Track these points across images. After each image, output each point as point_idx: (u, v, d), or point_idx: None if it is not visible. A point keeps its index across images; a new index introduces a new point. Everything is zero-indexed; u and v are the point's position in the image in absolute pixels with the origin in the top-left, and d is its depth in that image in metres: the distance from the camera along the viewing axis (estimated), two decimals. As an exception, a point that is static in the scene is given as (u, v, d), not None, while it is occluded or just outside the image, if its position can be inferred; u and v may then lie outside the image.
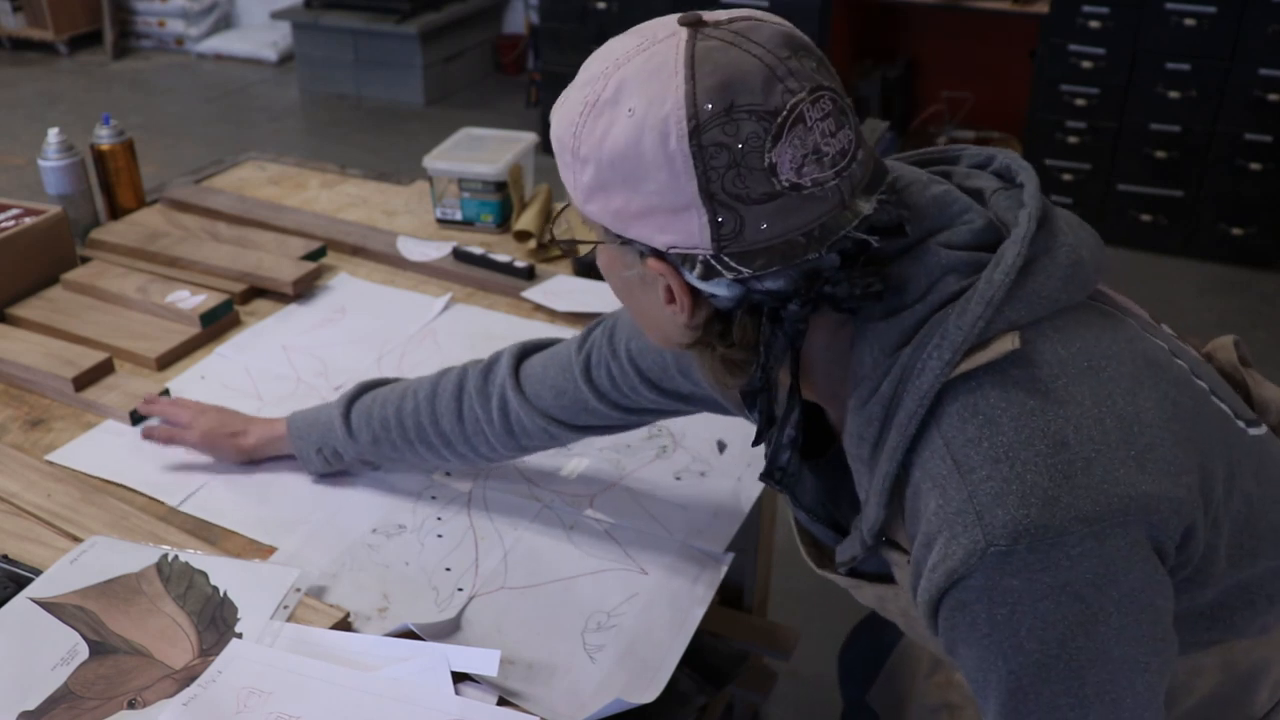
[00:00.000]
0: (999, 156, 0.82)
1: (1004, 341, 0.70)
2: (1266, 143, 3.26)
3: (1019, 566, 0.66)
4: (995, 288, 0.70)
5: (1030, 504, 0.66)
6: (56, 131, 1.63)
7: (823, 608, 2.14)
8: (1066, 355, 0.71)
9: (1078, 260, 0.74)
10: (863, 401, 0.74)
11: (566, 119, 0.71)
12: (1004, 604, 0.67)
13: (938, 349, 0.70)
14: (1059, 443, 0.67)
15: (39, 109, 4.89)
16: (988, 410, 0.69)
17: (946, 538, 0.68)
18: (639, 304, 0.78)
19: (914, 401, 0.70)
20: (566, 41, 4.19)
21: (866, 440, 0.74)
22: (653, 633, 1.00)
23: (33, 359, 1.34)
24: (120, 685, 0.90)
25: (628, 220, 0.70)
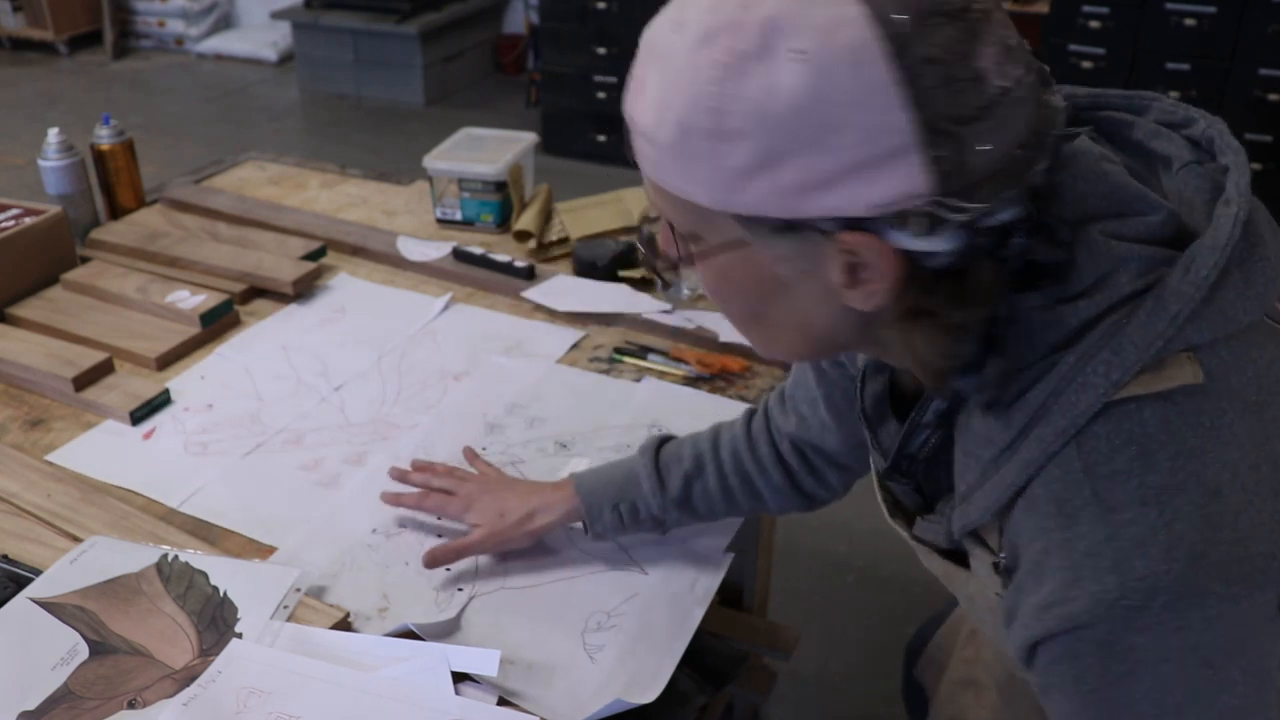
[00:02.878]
0: (1201, 122, 0.68)
1: (1184, 370, 0.60)
2: (1266, 143, 3.26)
3: (1150, 624, 0.59)
4: (1182, 303, 0.59)
5: (1175, 558, 0.58)
6: (56, 131, 1.63)
7: (823, 608, 2.15)
8: (1238, 386, 0.61)
9: (1271, 280, 0.62)
10: (1005, 405, 0.65)
11: (690, 96, 0.59)
12: (1124, 661, 0.60)
13: (1106, 365, 0.60)
14: (1213, 491, 0.59)
15: (39, 109, 4.89)
16: (1144, 442, 0.60)
17: (1068, 578, 0.61)
18: (780, 313, 0.67)
19: (1066, 419, 0.61)
20: (566, 41, 4.19)
21: (995, 444, 0.66)
22: (653, 633, 1.00)
23: (33, 359, 1.34)
24: (120, 685, 0.90)
25: (808, 193, 0.58)
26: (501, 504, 1.07)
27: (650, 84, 0.62)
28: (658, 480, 1.05)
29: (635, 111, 0.63)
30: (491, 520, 1.06)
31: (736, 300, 0.68)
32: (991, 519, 0.68)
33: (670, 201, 0.65)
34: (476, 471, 1.15)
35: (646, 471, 1.05)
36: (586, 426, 1.27)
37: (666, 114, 0.60)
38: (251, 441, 1.26)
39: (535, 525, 1.05)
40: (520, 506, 1.06)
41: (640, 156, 0.65)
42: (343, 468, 1.21)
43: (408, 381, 1.37)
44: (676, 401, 1.31)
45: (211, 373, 1.39)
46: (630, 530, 1.06)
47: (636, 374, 1.37)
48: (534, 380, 1.36)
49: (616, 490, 1.05)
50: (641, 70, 0.63)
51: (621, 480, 1.06)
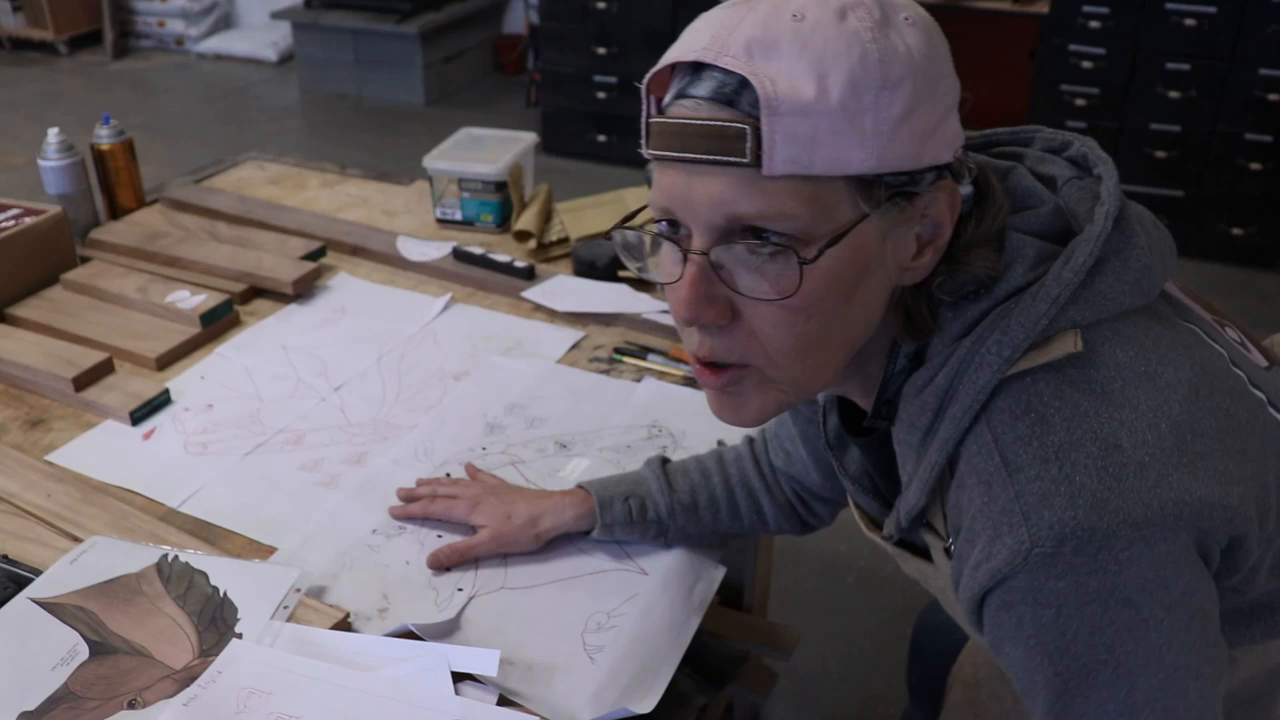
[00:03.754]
0: (1076, 143, 0.80)
1: (1065, 341, 0.68)
2: (1266, 143, 3.26)
3: (1064, 569, 0.65)
4: (1063, 286, 0.68)
5: (1078, 506, 0.64)
6: (56, 131, 1.63)
7: (823, 608, 2.15)
8: (1125, 359, 0.70)
9: (1147, 265, 0.72)
10: (918, 389, 0.72)
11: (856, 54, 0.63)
12: (1049, 606, 0.66)
13: (998, 344, 0.68)
14: (1111, 445, 0.66)
15: (39, 109, 4.89)
16: (1040, 408, 0.67)
17: (990, 536, 0.67)
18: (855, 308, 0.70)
19: (969, 396, 0.69)
20: (566, 41, 4.19)
21: (918, 428, 0.73)
22: (653, 633, 1.00)
23: (33, 359, 1.34)
24: (120, 685, 0.90)
25: (926, 140, 0.66)
26: (508, 506, 1.07)
27: (790, 68, 0.63)
28: (665, 483, 1.07)
29: (780, 92, 0.63)
30: (498, 521, 1.06)
31: (825, 307, 0.69)
32: (930, 501, 0.75)
33: (795, 195, 0.65)
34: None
35: (654, 476, 1.08)
36: (586, 426, 1.27)
37: (831, 77, 0.63)
38: (251, 441, 1.26)
39: (542, 528, 1.06)
40: (527, 510, 1.07)
41: (785, 144, 0.64)
42: (343, 468, 1.21)
43: (408, 381, 1.37)
44: (676, 401, 1.31)
45: (211, 373, 1.39)
46: (636, 529, 1.06)
47: (636, 374, 1.37)
48: (534, 380, 1.36)
49: (627, 488, 1.07)
50: (765, 63, 0.64)
51: (631, 481, 1.08)
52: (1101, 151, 0.78)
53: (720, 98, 0.65)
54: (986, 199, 0.72)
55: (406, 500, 1.14)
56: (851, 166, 0.64)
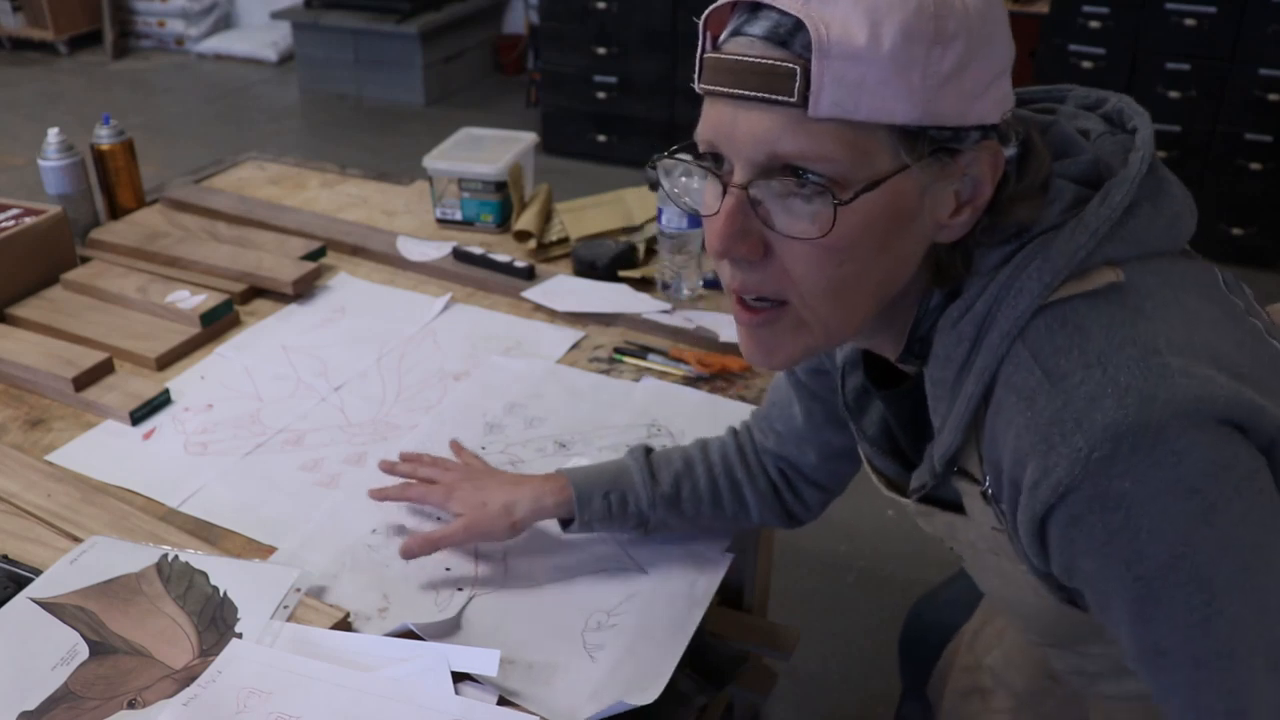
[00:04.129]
0: (1111, 99, 0.80)
1: (1105, 273, 0.70)
2: (1266, 143, 3.26)
3: (1125, 469, 0.64)
4: (1101, 220, 0.70)
5: (1128, 404, 0.64)
6: (56, 131, 1.63)
7: (823, 608, 2.15)
8: (1153, 287, 0.71)
9: (1179, 213, 0.74)
10: (954, 320, 0.72)
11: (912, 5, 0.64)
12: (1118, 509, 0.65)
13: (1039, 271, 0.69)
14: (1150, 349, 0.66)
15: (39, 109, 4.89)
16: (1076, 320, 0.68)
17: (1044, 451, 0.67)
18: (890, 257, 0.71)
19: (1008, 322, 0.70)
20: (566, 41, 4.19)
21: (954, 361, 0.73)
22: (653, 632, 1.00)
23: (33, 359, 1.34)
24: (120, 685, 0.90)
25: (975, 99, 0.67)
26: (484, 494, 1.06)
27: (845, 12, 0.64)
28: (649, 474, 1.06)
29: (833, 36, 0.64)
30: (473, 509, 1.05)
31: (858, 253, 0.69)
32: (965, 441, 0.74)
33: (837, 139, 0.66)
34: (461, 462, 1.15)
35: (637, 466, 1.06)
36: (586, 426, 1.27)
37: (884, 26, 0.64)
38: (251, 441, 1.26)
39: (517, 516, 1.04)
40: (502, 496, 1.05)
41: (833, 87, 0.64)
42: (343, 468, 1.21)
43: (408, 381, 1.37)
44: (676, 401, 1.31)
45: (211, 373, 1.39)
46: (616, 523, 1.05)
47: (636, 374, 1.37)
48: (534, 380, 1.36)
49: (608, 481, 1.05)
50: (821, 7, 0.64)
51: (613, 472, 1.07)
52: (1138, 106, 0.79)
53: (774, 37, 0.66)
54: (1029, 158, 0.72)
55: (387, 471, 1.13)
56: (896, 116, 0.65)
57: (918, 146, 0.67)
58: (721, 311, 1.48)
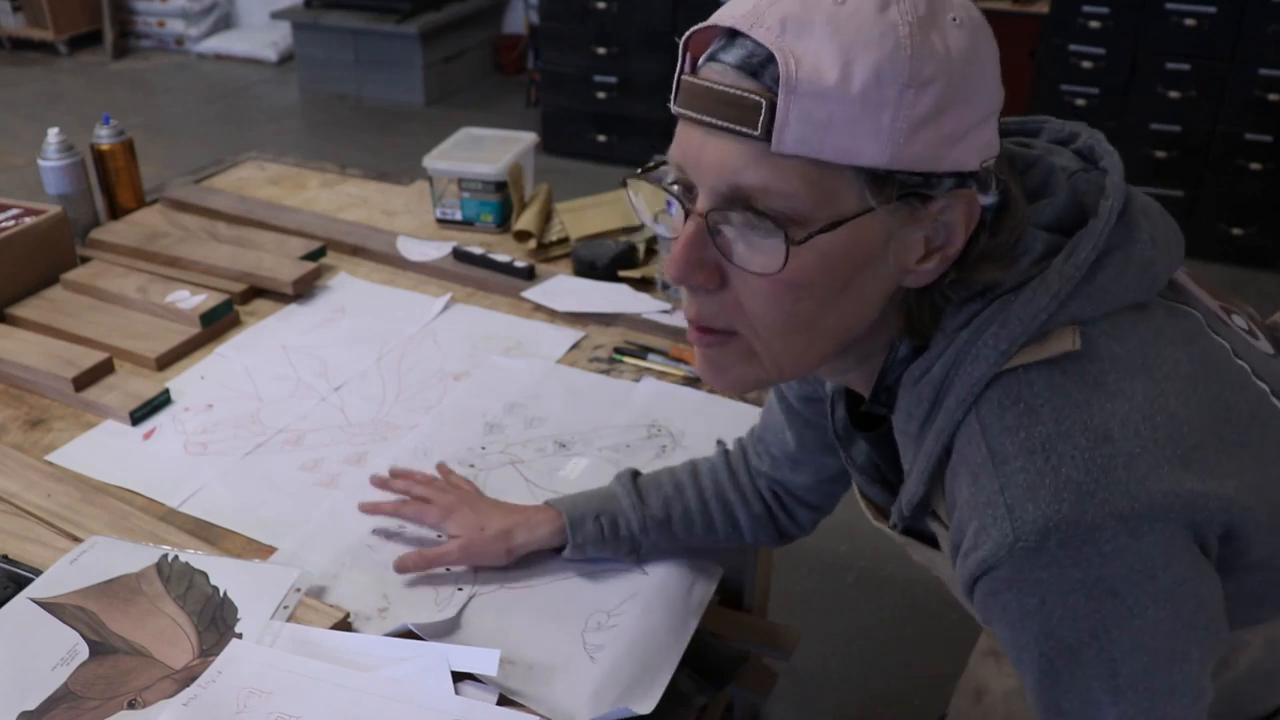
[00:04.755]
0: (1083, 135, 0.79)
1: (1063, 339, 0.68)
2: (1266, 143, 3.26)
3: (1048, 561, 0.65)
4: (1064, 281, 0.68)
5: (1063, 499, 0.64)
6: (56, 131, 1.63)
7: (823, 608, 2.14)
8: (1121, 352, 0.69)
9: (1150, 260, 0.72)
10: (915, 379, 0.72)
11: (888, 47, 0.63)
12: (1033, 595, 0.66)
13: (995, 338, 0.68)
14: (1101, 436, 0.65)
15: (39, 109, 4.89)
16: (1030, 399, 0.67)
17: (977, 527, 0.68)
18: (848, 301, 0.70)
19: (964, 388, 0.69)
20: (566, 41, 4.19)
21: (915, 418, 0.73)
22: (652, 633, 1.00)
23: (33, 359, 1.34)
24: (120, 685, 0.90)
25: (951, 145, 0.65)
26: (481, 518, 1.06)
27: (817, 50, 0.63)
28: (637, 497, 1.06)
29: (802, 72, 0.63)
30: (470, 532, 1.05)
31: (813, 293, 0.68)
32: (931, 489, 0.75)
33: (798, 176, 0.65)
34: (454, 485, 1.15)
35: (625, 491, 1.07)
36: (586, 426, 1.27)
37: (856, 65, 0.63)
38: (251, 441, 1.26)
39: (514, 543, 1.05)
40: (500, 522, 1.06)
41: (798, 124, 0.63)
42: (343, 468, 1.21)
43: (408, 381, 1.37)
44: (676, 401, 1.31)
45: (211, 373, 1.39)
46: (609, 546, 1.05)
47: (636, 374, 1.37)
48: (533, 380, 1.36)
49: (598, 505, 1.06)
50: (795, 41, 0.63)
51: (601, 497, 1.07)
52: (1108, 144, 0.77)
53: (746, 67, 0.65)
54: (1007, 210, 0.71)
55: (379, 486, 1.13)
56: (862, 158, 0.64)
57: (885, 190, 0.65)
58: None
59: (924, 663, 2.00)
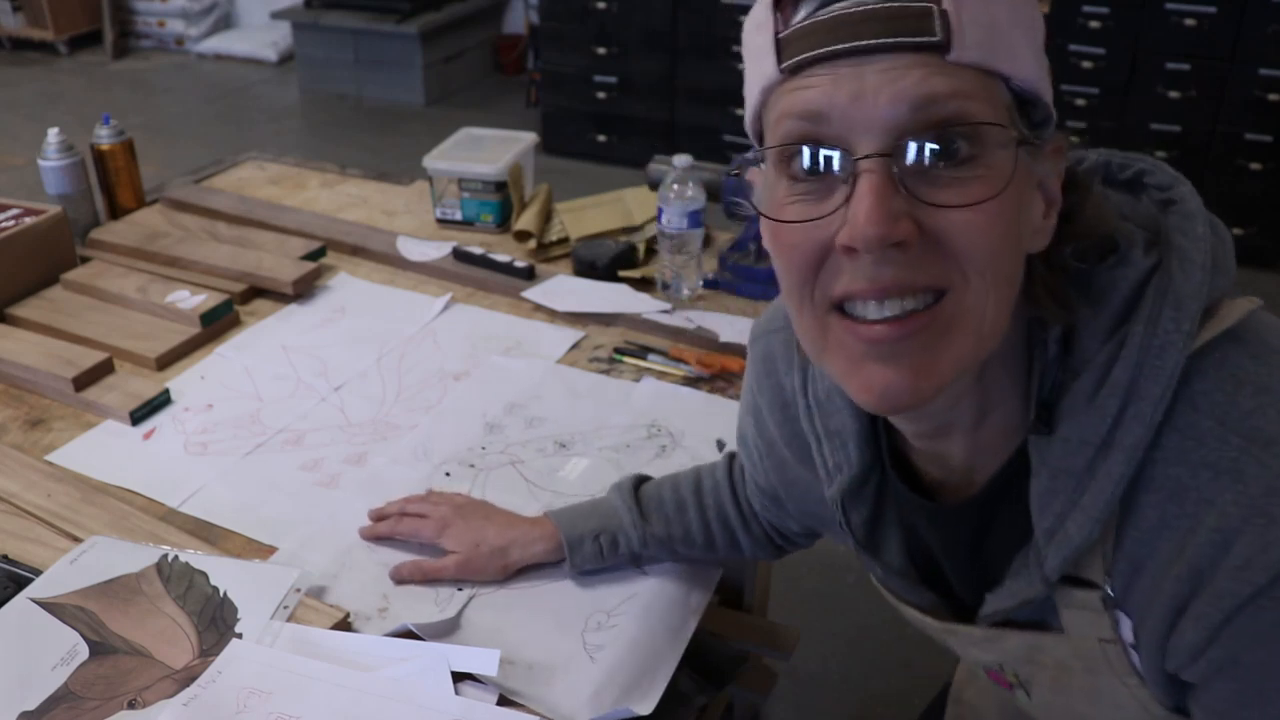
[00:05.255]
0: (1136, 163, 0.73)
1: (1239, 304, 0.63)
2: (1266, 143, 3.26)
3: None
4: (1202, 254, 0.62)
5: None
6: (56, 131, 1.63)
7: (823, 608, 2.14)
8: (1269, 320, 0.64)
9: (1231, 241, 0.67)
10: (1089, 395, 0.63)
11: None
12: None
13: (1174, 320, 0.61)
14: None
15: (39, 109, 4.89)
16: (1252, 375, 0.61)
17: (1262, 525, 0.58)
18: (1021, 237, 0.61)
19: (1159, 385, 0.61)
20: (566, 41, 4.19)
21: (1090, 444, 0.63)
22: (652, 633, 1.00)
23: (33, 359, 1.34)
24: (120, 685, 0.90)
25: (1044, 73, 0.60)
26: (478, 533, 1.05)
27: None
28: (639, 514, 1.04)
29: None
30: (466, 548, 1.04)
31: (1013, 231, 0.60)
32: (1099, 533, 0.64)
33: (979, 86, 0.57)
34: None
35: (625, 506, 1.05)
36: (586, 426, 1.27)
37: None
38: (251, 441, 1.26)
39: (509, 560, 1.04)
40: (496, 539, 1.04)
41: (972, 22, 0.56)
42: (343, 468, 1.21)
43: (408, 381, 1.37)
44: (676, 401, 1.31)
45: (211, 373, 1.39)
46: (609, 563, 1.04)
47: (636, 374, 1.37)
48: (534, 380, 1.36)
49: (597, 523, 1.04)
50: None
51: (601, 514, 1.05)
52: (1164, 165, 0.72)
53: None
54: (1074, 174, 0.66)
55: (376, 519, 1.11)
56: (1023, 69, 0.58)
57: (1026, 119, 0.59)
58: (722, 311, 1.48)
59: (924, 663, 2.00)
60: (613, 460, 1.22)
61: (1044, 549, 0.66)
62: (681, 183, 1.47)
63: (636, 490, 1.07)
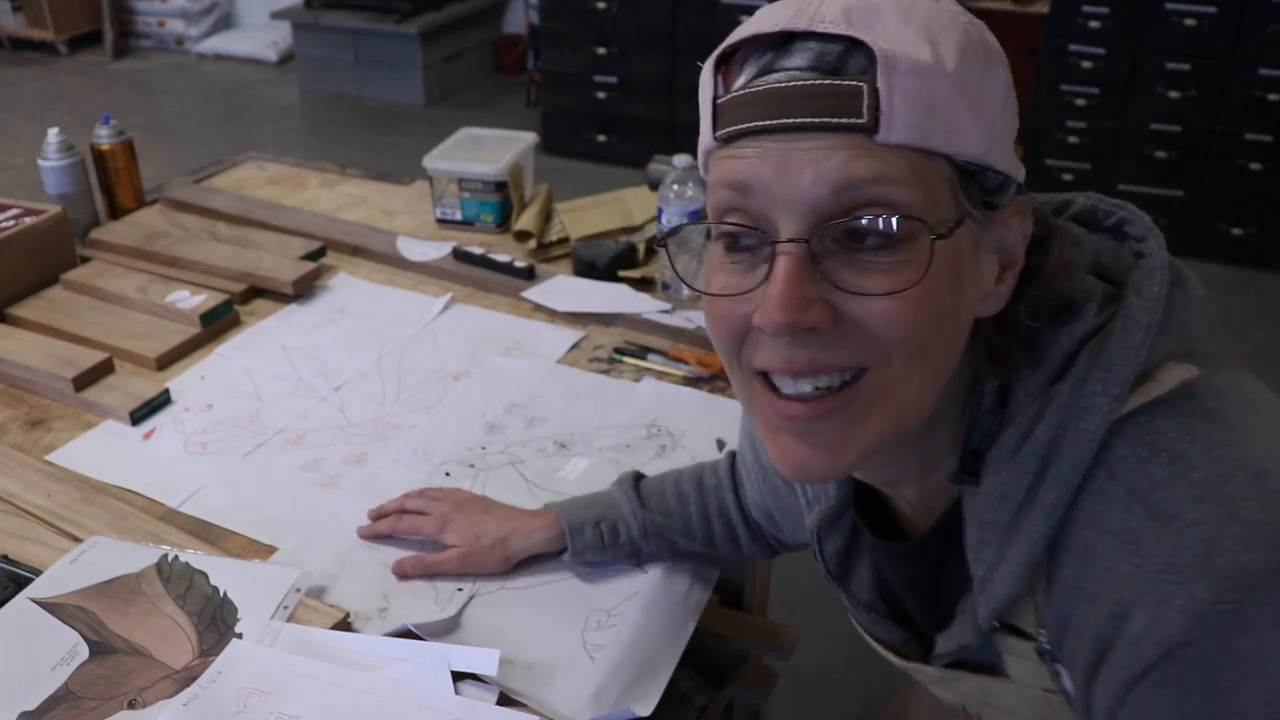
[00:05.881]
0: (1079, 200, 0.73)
1: (1176, 371, 0.61)
2: (1266, 143, 3.26)
3: (1251, 625, 0.55)
4: (1150, 315, 0.61)
5: (1256, 545, 0.55)
6: (56, 131, 1.63)
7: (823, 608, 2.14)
8: (1223, 385, 0.62)
9: (1206, 298, 0.65)
10: (1011, 452, 0.62)
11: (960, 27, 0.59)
12: (1230, 670, 0.56)
13: (1102, 384, 0.60)
14: (1260, 471, 0.57)
15: (39, 109, 4.89)
16: (1171, 444, 0.59)
17: (1154, 602, 0.57)
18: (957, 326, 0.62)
19: (1079, 447, 0.60)
20: (566, 41, 4.19)
21: (1011, 500, 0.63)
22: (652, 632, 1.00)
23: (33, 359, 1.34)
24: (120, 685, 0.90)
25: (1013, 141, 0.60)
26: (478, 526, 1.05)
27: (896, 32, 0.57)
28: (638, 503, 1.05)
29: (899, 53, 0.56)
30: (467, 541, 1.04)
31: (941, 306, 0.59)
32: (1023, 588, 0.64)
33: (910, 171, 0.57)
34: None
35: (626, 496, 1.06)
36: (586, 426, 1.27)
37: (942, 44, 0.57)
38: (251, 441, 1.26)
39: (511, 551, 1.04)
40: (496, 530, 1.05)
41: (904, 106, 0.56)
42: (343, 468, 1.21)
43: (408, 381, 1.37)
44: (676, 401, 1.31)
45: (211, 373, 1.39)
46: (609, 553, 1.04)
47: (636, 374, 1.37)
48: (534, 380, 1.36)
49: (598, 511, 1.05)
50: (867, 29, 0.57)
51: (602, 504, 1.06)
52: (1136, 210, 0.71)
53: (822, 66, 0.57)
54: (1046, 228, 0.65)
55: (375, 518, 1.11)
56: (965, 145, 0.58)
57: (971, 192, 0.59)
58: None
59: (924, 663, 2.00)
60: (612, 460, 1.22)
61: (978, 597, 0.66)
62: (681, 183, 1.47)
63: (637, 483, 1.08)
